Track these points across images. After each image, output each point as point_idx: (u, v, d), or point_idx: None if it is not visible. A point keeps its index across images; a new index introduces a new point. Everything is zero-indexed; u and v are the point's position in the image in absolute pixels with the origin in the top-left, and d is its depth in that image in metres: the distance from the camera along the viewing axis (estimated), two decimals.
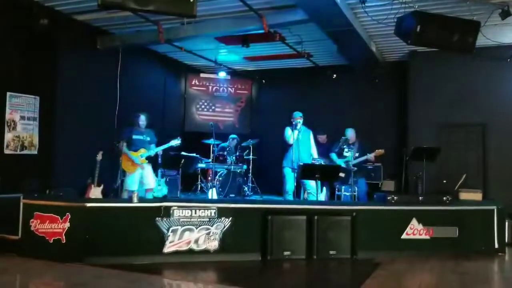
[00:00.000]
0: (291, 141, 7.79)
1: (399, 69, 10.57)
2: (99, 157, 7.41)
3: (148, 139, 7.75)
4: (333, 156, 8.68)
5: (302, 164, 7.29)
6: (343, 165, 8.32)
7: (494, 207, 6.57)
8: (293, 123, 7.88)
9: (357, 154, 8.53)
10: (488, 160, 9.43)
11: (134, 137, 7.60)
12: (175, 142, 7.89)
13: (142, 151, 7.59)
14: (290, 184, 7.91)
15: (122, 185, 7.59)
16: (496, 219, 6.49)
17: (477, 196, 8.49)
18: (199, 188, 10.58)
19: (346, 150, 8.53)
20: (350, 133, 8.77)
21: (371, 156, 8.42)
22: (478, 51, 6.57)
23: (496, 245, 6.44)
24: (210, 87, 12.25)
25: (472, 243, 6.42)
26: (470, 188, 8.78)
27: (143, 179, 7.63)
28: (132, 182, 7.46)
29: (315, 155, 8.22)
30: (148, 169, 7.75)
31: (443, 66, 9.62)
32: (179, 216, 5.58)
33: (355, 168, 8.35)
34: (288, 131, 7.95)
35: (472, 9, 6.86)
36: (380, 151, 8.40)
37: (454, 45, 6.24)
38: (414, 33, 5.96)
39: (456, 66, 9.44)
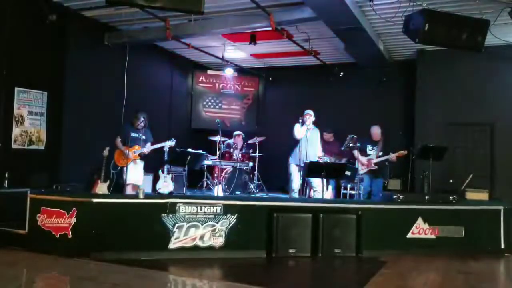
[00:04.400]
0: (300, 136, 7.78)
1: (407, 68, 10.52)
2: (106, 152, 7.46)
3: (144, 137, 7.81)
4: (355, 153, 8.47)
5: (308, 162, 7.28)
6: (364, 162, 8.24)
7: (501, 207, 6.53)
8: (303, 119, 7.89)
9: (380, 153, 8.32)
10: (495, 160, 9.38)
11: (131, 134, 7.67)
12: (169, 143, 7.99)
13: (136, 147, 7.72)
14: (296, 181, 7.90)
15: (115, 179, 7.71)
16: (502, 219, 6.45)
17: (484, 196, 8.46)
18: (205, 185, 10.59)
19: (369, 148, 8.34)
20: (375, 130, 8.48)
21: (393, 156, 8.17)
22: (486, 50, 6.53)
23: (503, 245, 6.41)
24: (217, 84, 12.26)
25: (478, 243, 6.39)
26: (477, 188, 8.74)
27: (134, 175, 7.72)
28: (129, 176, 7.51)
29: (320, 153, 8.20)
30: (140, 165, 7.88)
31: (451, 65, 9.56)
32: (185, 212, 5.59)
33: (376, 167, 8.25)
34: (297, 127, 7.96)
35: (481, 8, 6.81)
36: (402, 152, 8.19)
37: (462, 44, 6.21)
38: (422, 31, 5.93)
39: (464, 65, 9.39)
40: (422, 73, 10.04)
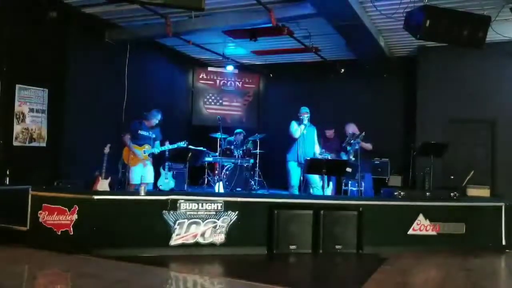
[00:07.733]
0: (297, 135, 7.78)
1: (408, 64, 10.51)
2: (107, 149, 7.44)
3: (154, 136, 7.64)
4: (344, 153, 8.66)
5: (309, 158, 7.28)
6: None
7: (502, 204, 6.52)
8: (300, 118, 7.89)
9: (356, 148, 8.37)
10: (496, 157, 9.37)
11: (140, 132, 7.51)
12: (181, 144, 7.85)
13: (146, 147, 7.54)
14: (295, 178, 7.90)
15: (124, 177, 7.61)
16: (504, 216, 6.44)
17: (485, 192, 8.43)
18: (206, 182, 10.60)
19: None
20: (348, 128, 8.57)
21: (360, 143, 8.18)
22: (488, 46, 6.51)
23: (504, 242, 6.40)
24: (218, 81, 12.25)
25: (479, 239, 6.38)
26: (478, 184, 8.73)
27: (143, 174, 7.57)
28: (135, 176, 7.43)
29: (318, 151, 8.19)
30: (149, 165, 7.68)
31: (453, 61, 9.54)
32: (186, 209, 5.60)
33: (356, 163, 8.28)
34: (294, 125, 7.95)
35: (483, 4, 6.79)
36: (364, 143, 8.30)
37: (463, 40, 6.17)
38: (423, 27, 5.89)
39: (465, 61, 9.37)
40: (423, 69, 10.02)
